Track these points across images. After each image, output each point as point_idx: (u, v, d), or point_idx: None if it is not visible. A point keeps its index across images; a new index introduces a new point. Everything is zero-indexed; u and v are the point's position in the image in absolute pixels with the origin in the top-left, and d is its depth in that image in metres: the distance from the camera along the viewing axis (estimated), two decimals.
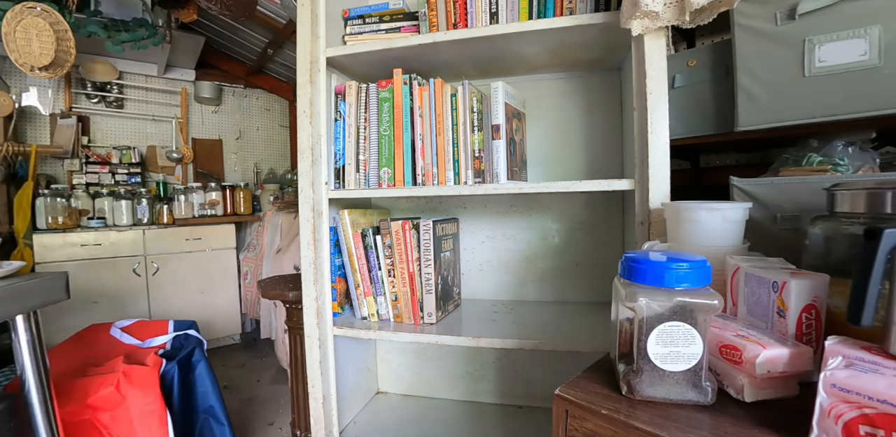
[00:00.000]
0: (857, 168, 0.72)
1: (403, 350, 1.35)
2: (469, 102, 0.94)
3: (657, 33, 0.80)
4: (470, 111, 0.95)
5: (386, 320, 1.06)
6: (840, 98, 0.69)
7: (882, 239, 0.38)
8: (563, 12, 0.89)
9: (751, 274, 0.53)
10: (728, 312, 0.58)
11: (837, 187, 0.54)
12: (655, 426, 0.41)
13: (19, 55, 1.32)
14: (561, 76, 1.19)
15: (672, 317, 0.43)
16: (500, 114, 0.93)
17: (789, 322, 0.47)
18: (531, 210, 1.23)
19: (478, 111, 0.95)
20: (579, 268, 1.20)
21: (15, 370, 0.83)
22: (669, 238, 0.69)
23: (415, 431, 1.15)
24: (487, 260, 1.27)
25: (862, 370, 0.35)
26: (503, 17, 0.92)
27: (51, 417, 0.84)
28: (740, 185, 0.75)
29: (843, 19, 0.68)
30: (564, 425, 0.48)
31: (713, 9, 0.73)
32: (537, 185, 0.91)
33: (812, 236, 0.56)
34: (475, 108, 0.94)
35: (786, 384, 0.45)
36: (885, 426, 0.32)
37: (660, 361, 0.44)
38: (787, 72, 0.73)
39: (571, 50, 1.02)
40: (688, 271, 0.44)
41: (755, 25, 0.75)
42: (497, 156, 0.94)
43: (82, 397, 1.01)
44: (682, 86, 0.89)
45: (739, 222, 0.63)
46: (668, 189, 0.81)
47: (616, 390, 0.48)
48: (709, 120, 0.86)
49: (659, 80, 0.81)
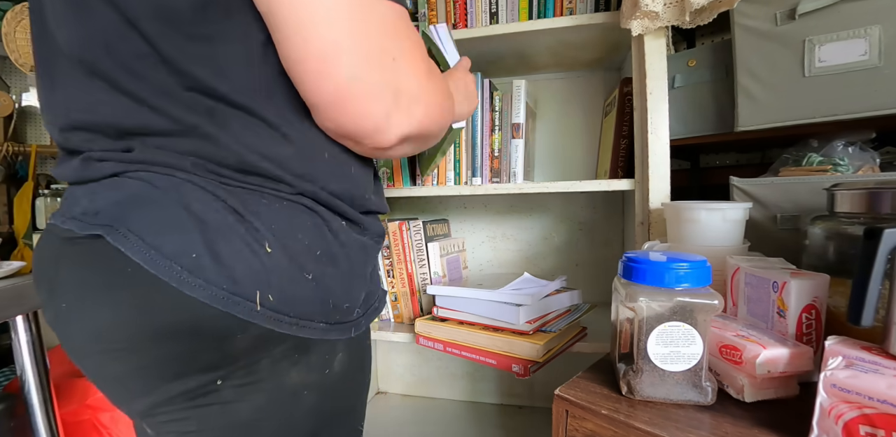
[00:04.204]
0: (857, 168, 0.72)
1: (403, 350, 1.36)
2: (492, 101, 0.94)
3: (657, 33, 0.80)
4: (491, 110, 0.94)
5: (386, 320, 1.06)
6: (840, 98, 0.69)
7: (882, 239, 0.38)
8: (563, 12, 0.89)
9: (751, 274, 0.53)
10: (728, 312, 0.58)
11: (837, 187, 0.54)
12: (655, 426, 0.41)
13: (19, 55, 1.32)
14: (561, 76, 1.19)
15: (672, 317, 0.43)
16: (522, 113, 0.93)
17: (789, 322, 0.47)
18: (531, 210, 1.23)
19: (499, 110, 0.94)
20: (579, 268, 1.20)
21: (15, 370, 0.83)
22: (669, 238, 0.69)
23: (415, 431, 1.15)
24: (487, 260, 1.27)
25: (862, 370, 0.35)
26: (503, 18, 0.92)
27: (51, 417, 0.84)
28: (740, 185, 0.75)
29: (843, 19, 0.68)
30: (564, 425, 0.48)
31: (713, 9, 0.73)
32: (537, 185, 0.91)
33: (812, 236, 0.56)
34: (497, 106, 0.94)
35: (786, 384, 0.45)
36: (885, 426, 0.32)
37: (660, 361, 0.44)
38: (787, 72, 0.73)
39: (571, 50, 1.02)
40: (688, 271, 0.44)
41: (755, 25, 0.75)
42: (516, 155, 0.94)
43: (82, 397, 1.00)
44: (682, 86, 0.89)
45: (739, 222, 0.63)
46: (668, 189, 0.81)
47: (616, 390, 0.48)
48: (709, 120, 0.86)
49: (659, 80, 0.81)
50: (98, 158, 0.40)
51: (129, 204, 0.37)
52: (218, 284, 0.36)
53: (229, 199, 0.38)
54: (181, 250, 0.36)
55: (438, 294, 0.93)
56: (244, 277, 0.37)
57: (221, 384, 0.38)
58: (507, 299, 0.82)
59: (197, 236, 0.36)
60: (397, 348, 1.36)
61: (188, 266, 0.35)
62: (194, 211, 0.37)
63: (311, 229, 0.42)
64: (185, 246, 0.36)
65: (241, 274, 0.37)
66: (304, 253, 0.40)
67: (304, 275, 0.40)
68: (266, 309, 0.37)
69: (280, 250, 0.39)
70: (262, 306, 0.37)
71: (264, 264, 0.38)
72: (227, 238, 0.37)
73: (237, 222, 0.38)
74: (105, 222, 0.37)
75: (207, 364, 0.38)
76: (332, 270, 0.42)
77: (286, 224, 0.40)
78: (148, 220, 0.36)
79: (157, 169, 0.39)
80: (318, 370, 0.43)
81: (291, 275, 0.39)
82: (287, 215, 0.41)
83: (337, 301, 0.42)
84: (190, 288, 0.35)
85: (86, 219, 0.37)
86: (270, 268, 0.38)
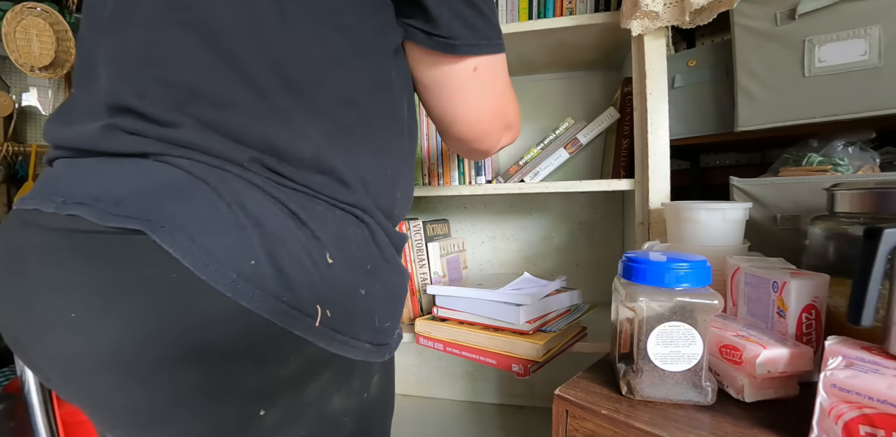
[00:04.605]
0: (857, 168, 0.72)
1: (403, 350, 1.36)
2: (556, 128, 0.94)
3: (657, 33, 0.80)
4: None
5: None
6: (840, 98, 0.69)
7: (882, 239, 0.38)
8: (563, 12, 0.89)
9: (751, 274, 0.53)
10: (728, 312, 0.58)
11: (837, 187, 0.54)
12: (655, 426, 0.41)
13: (19, 55, 1.32)
14: (561, 76, 1.19)
15: (672, 317, 0.43)
16: None
17: (789, 322, 0.47)
18: (531, 210, 1.23)
19: None
20: (579, 268, 1.20)
21: (15, 370, 0.83)
22: (669, 238, 0.69)
23: (415, 431, 1.15)
24: (487, 260, 1.27)
25: (862, 370, 0.35)
26: (503, 17, 0.92)
27: (51, 417, 0.84)
28: (740, 185, 0.75)
29: (843, 19, 0.68)
30: (564, 425, 0.48)
31: (713, 9, 0.73)
32: (537, 185, 0.91)
33: (812, 236, 0.56)
34: None
35: (786, 384, 0.45)
36: (885, 426, 0.32)
37: (660, 361, 0.44)
38: (787, 72, 0.73)
39: (571, 50, 1.02)
40: (688, 271, 0.44)
41: (755, 25, 0.75)
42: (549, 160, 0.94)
43: None
44: (682, 86, 0.89)
45: (739, 222, 0.63)
46: (668, 189, 0.81)
47: (616, 390, 0.48)
48: (709, 120, 0.86)
49: (659, 80, 0.81)
50: (129, 129, 0.33)
51: (163, 195, 0.31)
52: (278, 295, 0.31)
53: (289, 203, 0.34)
54: (238, 254, 0.30)
55: (438, 294, 0.93)
56: (304, 289, 0.32)
57: (265, 415, 0.32)
58: (508, 299, 0.82)
59: (255, 239, 0.31)
60: (397, 349, 1.36)
61: (246, 274, 0.30)
62: (250, 211, 0.32)
63: (362, 242, 0.38)
64: (242, 250, 0.31)
65: (302, 286, 0.32)
66: (358, 267, 0.37)
67: (359, 290, 0.36)
68: (324, 326, 0.33)
69: (340, 261, 0.35)
70: (321, 322, 0.33)
71: (324, 277, 0.34)
72: (288, 245, 0.32)
73: (297, 228, 0.34)
74: (137, 215, 0.30)
75: (253, 390, 0.32)
76: (380, 287, 0.39)
77: (342, 234, 0.37)
78: (195, 216, 0.31)
79: (202, 157, 0.32)
80: (358, 394, 0.39)
81: (349, 290, 0.36)
82: (342, 225, 0.37)
83: (382, 320, 0.39)
84: (247, 299, 0.30)
85: (104, 207, 0.30)
86: (330, 281, 0.34)
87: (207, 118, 0.33)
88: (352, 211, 0.39)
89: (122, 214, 0.30)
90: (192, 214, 0.30)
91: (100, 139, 0.33)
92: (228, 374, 0.31)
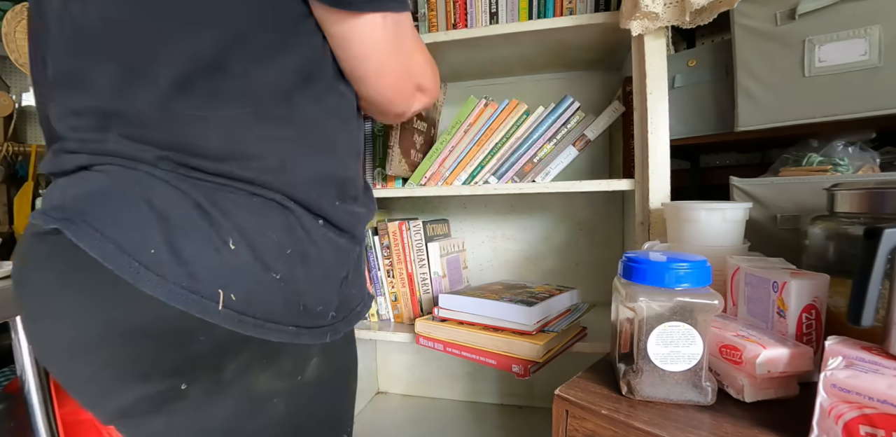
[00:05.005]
0: (857, 168, 0.72)
1: (403, 350, 1.36)
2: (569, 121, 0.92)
3: (657, 33, 0.80)
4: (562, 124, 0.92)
5: (386, 321, 1.06)
6: (840, 98, 0.69)
7: (882, 239, 0.38)
8: (563, 12, 0.89)
9: (751, 274, 0.53)
10: (728, 312, 0.58)
11: (837, 187, 0.54)
12: (655, 426, 0.41)
13: (19, 55, 1.32)
14: (561, 76, 1.19)
15: (672, 317, 0.43)
16: None
17: (789, 322, 0.47)
18: (531, 210, 1.23)
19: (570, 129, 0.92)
20: (579, 268, 1.20)
21: (15, 370, 0.83)
22: (669, 238, 0.69)
23: (415, 431, 1.15)
24: (487, 260, 1.27)
25: (862, 370, 0.35)
26: (503, 18, 0.92)
27: (51, 417, 0.84)
28: (740, 185, 0.75)
29: (843, 19, 0.68)
30: (564, 425, 0.48)
31: (713, 9, 0.73)
32: (537, 185, 0.91)
33: (812, 236, 0.56)
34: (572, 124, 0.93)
35: (786, 384, 0.45)
36: (885, 426, 0.32)
37: (660, 361, 0.44)
38: (787, 72, 0.73)
39: (571, 50, 1.02)
40: (688, 271, 0.44)
41: (755, 25, 0.75)
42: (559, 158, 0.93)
43: None
44: (682, 86, 0.89)
45: (739, 222, 0.63)
46: (668, 189, 0.81)
47: (616, 390, 0.48)
48: (709, 120, 0.86)
49: (659, 80, 0.81)
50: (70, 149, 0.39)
51: (91, 198, 0.36)
52: (176, 281, 0.34)
53: (193, 193, 0.37)
54: (139, 245, 0.34)
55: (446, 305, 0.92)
56: (205, 274, 0.35)
57: (187, 389, 0.36)
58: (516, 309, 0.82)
59: (156, 231, 0.35)
60: (397, 348, 1.36)
61: (146, 262, 0.34)
62: (155, 206, 0.36)
63: (281, 227, 0.40)
64: (143, 241, 0.34)
65: (202, 271, 0.35)
66: (273, 252, 0.39)
67: (272, 275, 0.38)
68: (229, 309, 0.35)
69: (245, 247, 0.37)
70: (224, 305, 0.35)
71: (227, 262, 0.36)
72: (189, 234, 0.35)
73: (200, 218, 0.36)
74: (65, 216, 0.35)
75: (171, 367, 0.36)
76: (304, 270, 0.40)
77: (255, 221, 0.39)
78: (108, 214, 0.35)
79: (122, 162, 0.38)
80: (289, 376, 0.41)
81: (257, 274, 0.37)
82: (256, 212, 0.39)
83: (309, 303, 0.41)
84: (147, 285, 0.33)
85: (51, 213, 0.36)
86: (234, 266, 0.36)
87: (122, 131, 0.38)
88: (272, 197, 0.40)
89: (55, 216, 0.36)
90: (108, 212, 0.36)
91: (56, 164, 0.40)
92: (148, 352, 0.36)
